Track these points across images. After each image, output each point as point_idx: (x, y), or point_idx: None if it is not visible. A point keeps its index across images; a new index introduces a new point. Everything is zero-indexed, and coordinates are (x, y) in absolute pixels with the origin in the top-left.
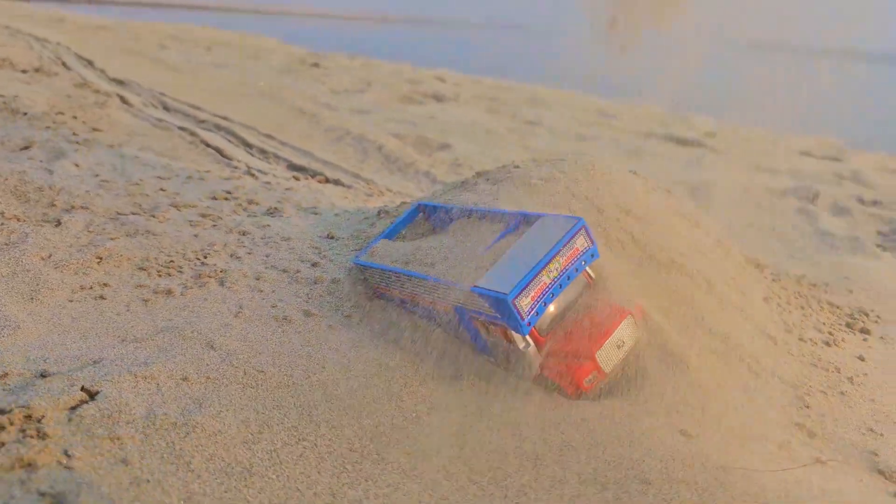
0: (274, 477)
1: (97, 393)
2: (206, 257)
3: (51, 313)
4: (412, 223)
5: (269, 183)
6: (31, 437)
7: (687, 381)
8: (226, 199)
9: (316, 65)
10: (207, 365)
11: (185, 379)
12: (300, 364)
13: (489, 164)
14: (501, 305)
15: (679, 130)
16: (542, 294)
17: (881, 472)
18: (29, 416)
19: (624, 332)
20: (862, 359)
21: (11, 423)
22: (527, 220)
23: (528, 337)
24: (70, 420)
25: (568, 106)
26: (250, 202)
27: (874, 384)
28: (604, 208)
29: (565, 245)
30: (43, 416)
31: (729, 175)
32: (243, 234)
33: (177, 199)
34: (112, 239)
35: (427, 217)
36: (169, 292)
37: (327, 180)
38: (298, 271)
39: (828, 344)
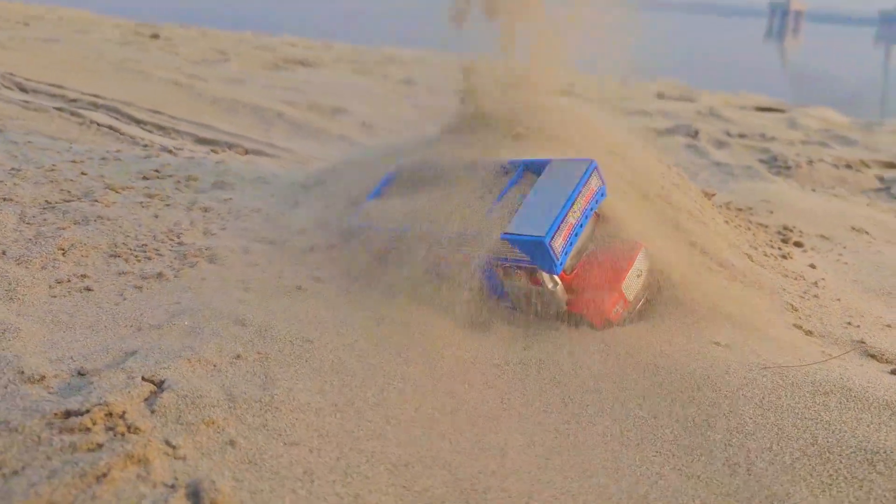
0: (379, 436)
1: (162, 382)
2: (179, 237)
3: (41, 312)
4: (395, 183)
5: (192, 158)
6: (124, 433)
7: (699, 299)
8: (159, 177)
9: (156, 36)
10: (250, 341)
11: (238, 357)
12: (336, 328)
13: (394, 125)
14: (537, 248)
15: None
16: (570, 234)
17: (873, 357)
18: (110, 414)
19: (641, 263)
20: (814, 266)
21: (95, 423)
22: (531, 167)
23: (556, 276)
24: (153, 411)
25: (429, 64)
26: (189, 178)
27: (833, 286)
28: (591, 150)
29: (584, 185)
30: (124, 412)
31: (612, 119)
32: (206, 211)
33: (107, 182)
34: (62, 229)
35: (410, 175)
36: (160, 276)
37: (247, 152)
38: (287, 241)
39: (784, 257)
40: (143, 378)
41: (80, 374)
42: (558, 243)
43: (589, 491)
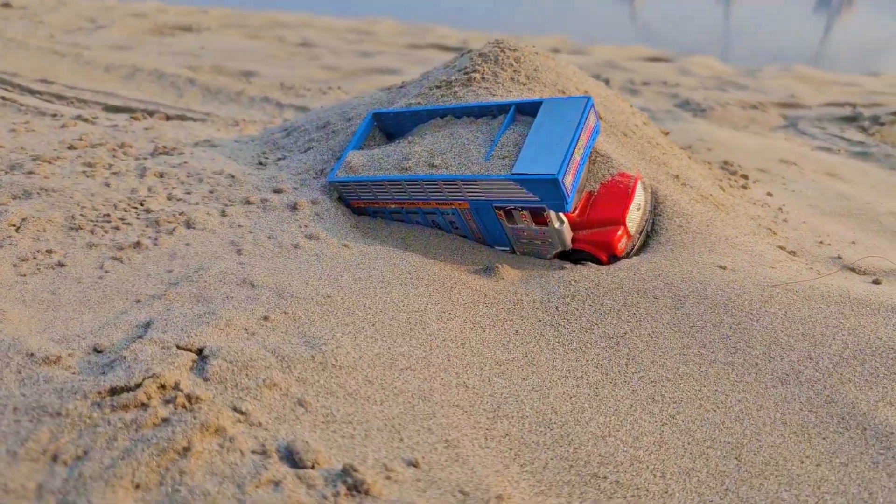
0: (442, 384)
1: (201, 349)
2: (142, 204)
3: (16, 292)
4: (373, 133)
5: (116, 126)
6: (185, 404)
7: (696, 228)
8: (88, 146)
9: (7, 5)
10: (270, 302)
11: (266, 318)
12: (354, 282)
13: (315, 86)
14: (548, 186)
15: (433, 38)
16: (576, 171)
17: (852, 270)
18: (162, 386)
19: (639, 196)
20: (770, 195)
21: (150, 397)
22: (522, 108)
23: (562, 214)
24: (207, 379)
25: (324, 28)
26: (123, 146)
27: (795, 211)
28: (567, 90)
29: (585, 122)
30: (177, 382)
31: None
32: (161, 176)
33: (31, 154)
34: (3, 204)
35: (381, 126)
36: (138, 245)
37: (168, 118)
38: (266, 200)
39: (744, 188)
40: (177, 347)
41: (97, 350)
42: (569, 180)
43: (662, 419)
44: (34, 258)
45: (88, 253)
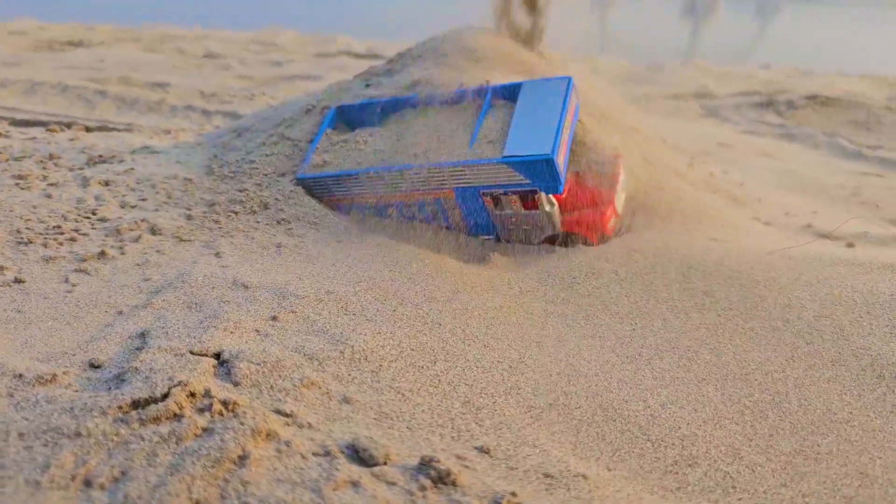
0: (480, 368)
1: (218, 353)
2: (94, 213)
3: None
4: (335, 127)
5: (34, 139)
6: (222, 412)
7: (683, 205)
8: (10, 159)
9: None
10: (272, 302)
11: (274, 318)
12: (351, 277)
13: (235, 92)
14: (541, 167)
15: (340, 47)
16: (566, 151)
17: (824, 236)
18: (192, 394)
19: (624, 175)
20: (726, 172)
21: (181, 406)
22: (499, 92)
23: (552, 197)
24: (237, 384)
25: (224, 40)
26: (51, 157)
27: (753, 187)
28: (541, 74)
29: (569, 103)
30: (207, 388)
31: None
32: (107, 185)
33: None
34: None
35: (345, 120)
36: (103, 255)
37: (88, 129)
38: (234, 201)
39: (689, 165)
40: (191, 353)
41: (94, 365)
42: (561, 160)
43: (709, 391)
44: None
45: (47, 267)
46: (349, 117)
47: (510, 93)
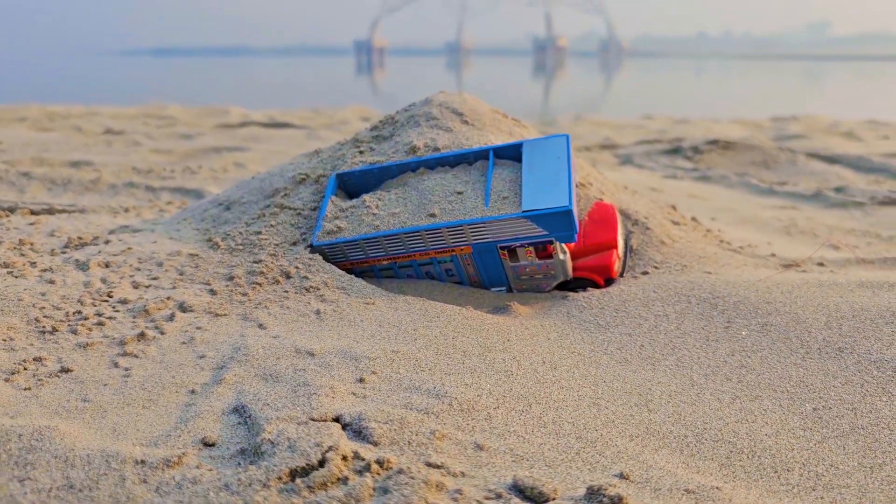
0: (571, 404)
1: (338, 417)
2: (110, 296)
3: (38, 406)
4: (338, 194)
5: (2, 224)
6: (380, 471)
7: (673, 244)
8: None
9: None
10: (349, 365)
11: (361, 380)
12: (408, 335)
13: (174, 168)
14: (560, 219)
15: (238, 118)
16: (577, 202)
17: (794, 264)
18: (345, 457)
19: (619, 221)
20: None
21: (341, 470)
22: (500, 152)
23: (565, 245)
24: (377, 444)
25: (115, 116)
26: (21, 243)
27: (706, 222)
28: (523, 136)
29: (572, 157)
30: (356, 451)
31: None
32: (107, 266)
33: None
34: None
35: (344, 186)
36: (143, 336)
37: (33, 212)
38: (254, 273)
39: (673, 207)
40: (311, 419)
41: (207, 444)
42: (576, 211)
43: (763, 406)
44: (24, 369)
45: (87, 354)
46: (348, 184)
47: (511, 152)
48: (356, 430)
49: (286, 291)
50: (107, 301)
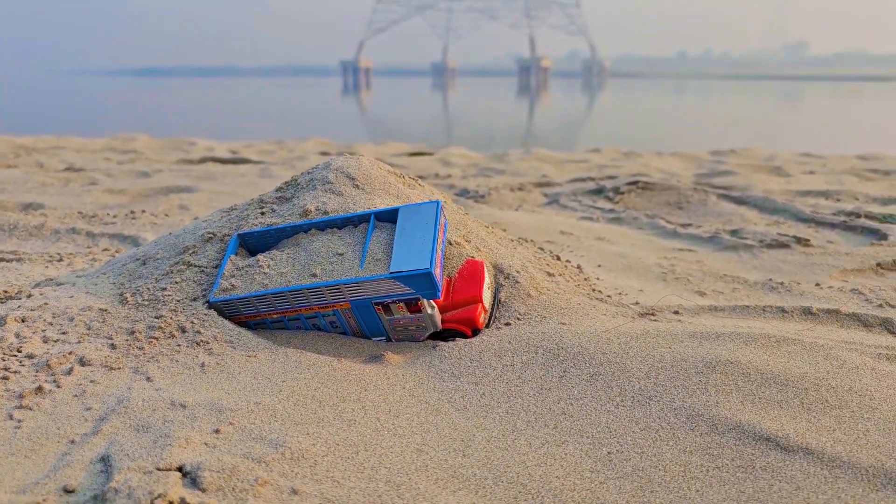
0: (401, 452)
1: (180, 467)
2: (20, 350)
3: None
4: (238, 253)
5: None
6: None
7: (539, 297)
8: None
9: None
10: (211, 417)
11: (217, 431)
12: (278, 387)
13: (116, 213)
14: (423, 279)
15: (202, 152)
16: (440, 263)
17: (649, 313)
18: (171, 503)
19: (488, 277)
20: (560, 258)
21: None
22: (380, 216)
23: (432, 301)
24: (204, 490)
25: (79, 149)
26: None
27: (588, 270)
28: (410, 197)
29: (439, 222)
30: (183, 497)
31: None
32: (23, 321)
33: None
34: None
35: (245, 245)
36: (39, 390)
37: None
38: (153, 328)
39: (558, 258)
40: (157, 469)
41: (68, 490)
42: (437, 272)
43: (580, 453)
44: None
45: None
46: (249, 243)
47: (390, 216)
48: (192, 478)
49: (178, 345)
50: (15, 356)
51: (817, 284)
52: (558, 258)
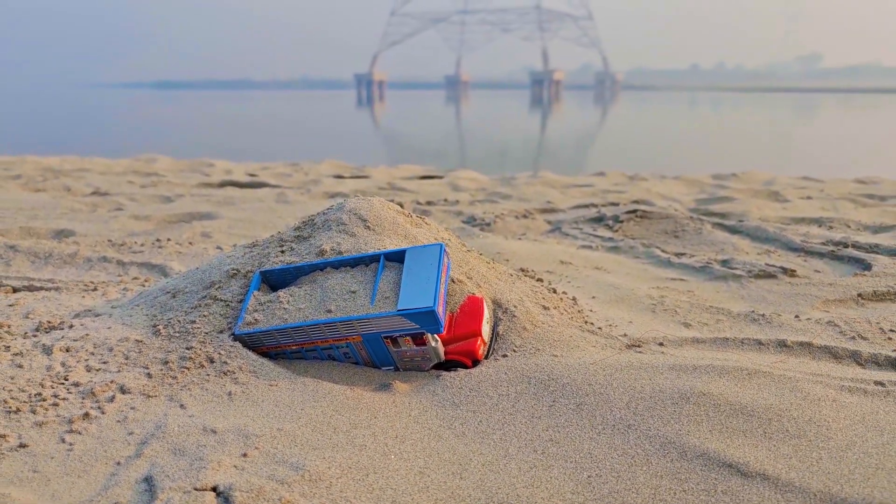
0: (407, 474)
1: (215, 487)
2: (66, 379)
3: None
4: (261, 289)
5: None
6: None
7: (534, 330)
8: None
9: None
10: (240, 441)
11: (245, 455)
12: (292, 413)
13: (143, 241)
14: (427, 316)
15: (220, 174)
16: (443, 300)
17: (635, 345)
18: None
19: (487, 311)
20: (555, 290)
21: None
22: (390, 256)
23: (436, 335)
24: None
25: (104, 171)
26: (0, 325)
27: (582, 302)
28: (417, 237)
29: (442, 263)
30: None
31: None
32: (68, 351)
33: None
34: None
35: (267, 281)
36: (86, 416)
37: (15, 290)
38: (185, 358)
39: (554, 291)
40: (195, 489)
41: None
42: (440, 309)
43: (563, 478)
44: None
45: (42, 431)
46: (270, 280)
47: (398, 256)
48: (225, 498)
49: (208, 375)
50: (63, 384)
51: (797, 316)
52: (554, 291)
